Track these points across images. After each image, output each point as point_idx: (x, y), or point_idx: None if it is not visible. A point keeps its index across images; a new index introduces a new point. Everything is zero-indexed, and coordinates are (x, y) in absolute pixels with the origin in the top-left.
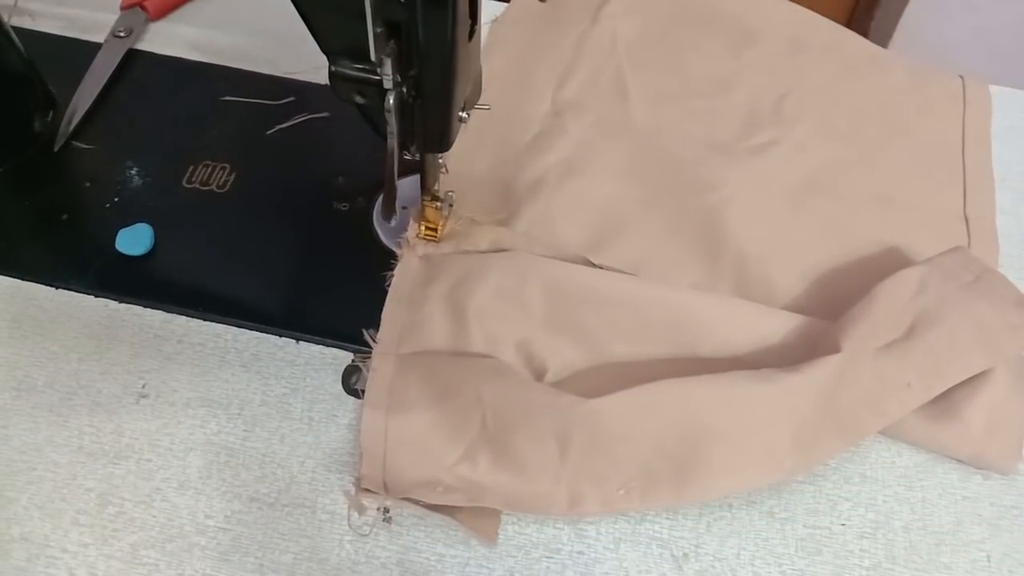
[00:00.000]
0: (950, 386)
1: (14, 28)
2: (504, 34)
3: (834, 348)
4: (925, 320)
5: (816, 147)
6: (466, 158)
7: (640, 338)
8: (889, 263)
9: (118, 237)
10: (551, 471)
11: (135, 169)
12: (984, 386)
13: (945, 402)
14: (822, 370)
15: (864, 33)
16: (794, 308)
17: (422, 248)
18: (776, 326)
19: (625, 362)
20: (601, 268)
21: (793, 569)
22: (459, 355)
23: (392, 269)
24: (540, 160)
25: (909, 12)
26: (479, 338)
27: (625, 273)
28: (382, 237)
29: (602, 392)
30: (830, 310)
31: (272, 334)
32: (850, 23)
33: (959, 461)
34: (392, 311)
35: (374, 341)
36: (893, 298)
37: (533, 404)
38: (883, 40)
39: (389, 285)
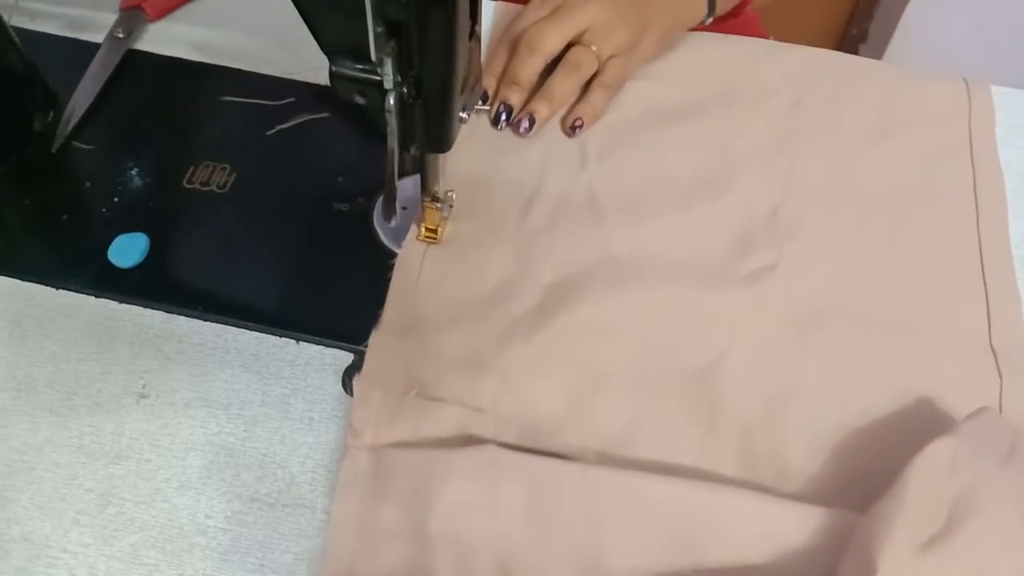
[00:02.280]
0: None
1: (14, 28)
2: (458, 157)
3: (868, 561)
4: (962, 509)
5: (819, 262)
6: (420, 316)
7: (639, 546)
8: (913, 418)
9: (111, 251)
10: None
11: (135, 169)
12: None
13: None
14: None
15: (864, 33)
16: (811, 485)
17: (370, 434)
18: (796, 524)
19: None
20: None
21: None
22: None
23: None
24: (505, 313)
25: (909, 12)
26: (447, 566)
27: (614, 467)
28: (382, 238)
29: None
30: (852, 484)
31: (272, 334)
32: (850, 23)
33: None
34: (337, 541)
35: None
36: (925, 485)
37: None
38: (883, 40)
39: (333, 511)
